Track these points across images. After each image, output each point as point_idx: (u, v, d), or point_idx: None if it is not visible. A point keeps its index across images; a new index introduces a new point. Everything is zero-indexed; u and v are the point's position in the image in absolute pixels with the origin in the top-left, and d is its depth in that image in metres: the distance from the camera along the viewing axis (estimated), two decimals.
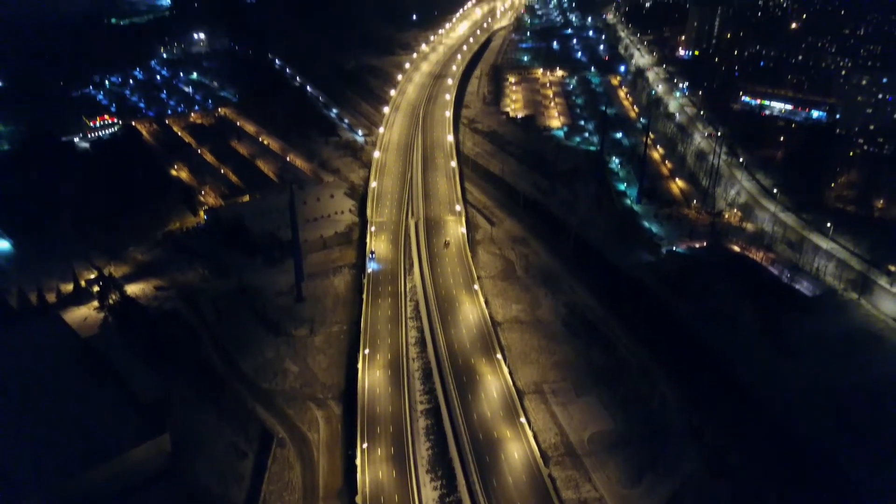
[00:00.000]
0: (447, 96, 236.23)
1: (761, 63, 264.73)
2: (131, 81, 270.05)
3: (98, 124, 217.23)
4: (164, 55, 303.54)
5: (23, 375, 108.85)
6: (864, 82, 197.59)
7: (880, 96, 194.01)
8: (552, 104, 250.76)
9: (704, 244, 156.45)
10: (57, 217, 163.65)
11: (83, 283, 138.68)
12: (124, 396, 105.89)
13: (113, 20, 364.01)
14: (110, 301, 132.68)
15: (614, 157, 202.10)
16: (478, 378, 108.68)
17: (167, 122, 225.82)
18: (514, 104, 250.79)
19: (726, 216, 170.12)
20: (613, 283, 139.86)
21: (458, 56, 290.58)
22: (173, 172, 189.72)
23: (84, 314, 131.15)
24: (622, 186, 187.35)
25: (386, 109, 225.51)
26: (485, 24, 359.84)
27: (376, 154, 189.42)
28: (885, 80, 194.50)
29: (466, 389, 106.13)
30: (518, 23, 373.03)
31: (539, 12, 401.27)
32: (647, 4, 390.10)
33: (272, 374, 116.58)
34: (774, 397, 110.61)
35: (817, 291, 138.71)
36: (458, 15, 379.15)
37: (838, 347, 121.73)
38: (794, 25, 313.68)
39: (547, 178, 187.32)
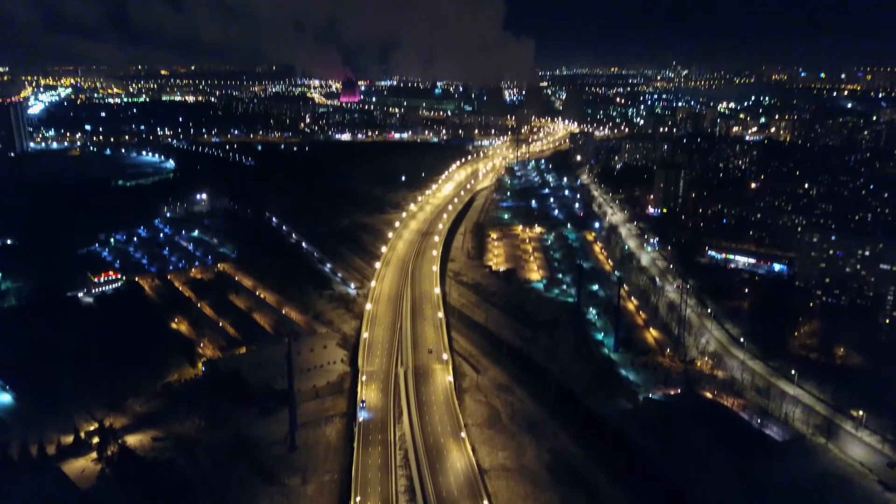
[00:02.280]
0: (434, 252, 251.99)
1: (724, 220, 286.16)
2: (135, 239, 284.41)
3: (102, 280, 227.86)
4: (168, 214, 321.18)
5: None
6: (815, 239, 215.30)
7: (831, 252, 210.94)
8: (532, 258, 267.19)
9: (679, 391, 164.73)
10: (59, 370, 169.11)
11: (83, 435, 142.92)
12: None
13: (120, 182, 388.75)
14: (108, 453, 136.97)
15: (591, 308, 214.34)
16: None
17: (168, 277, 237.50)
18: (497, 258, 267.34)
19: (698, 364, 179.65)
20: (594, 430, 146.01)
21: (444, 215, 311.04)
22: (173, 326, 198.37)
23: (82, 466, 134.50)
24: (600, 336, 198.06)
25: (377, 264, 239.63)
26: (468, 185, 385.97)
27: (368, 306, 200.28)
28: (833, 237, 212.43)
29: None
30: (499, 183, 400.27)
31: (518, 173, 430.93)
32: (618, 167, 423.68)
33: None
34: None
35: (787, 436, 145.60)
36: (443, 176, 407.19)
37: (810, 491, 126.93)
38: (753, 185, 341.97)
39: (529, 327, 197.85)
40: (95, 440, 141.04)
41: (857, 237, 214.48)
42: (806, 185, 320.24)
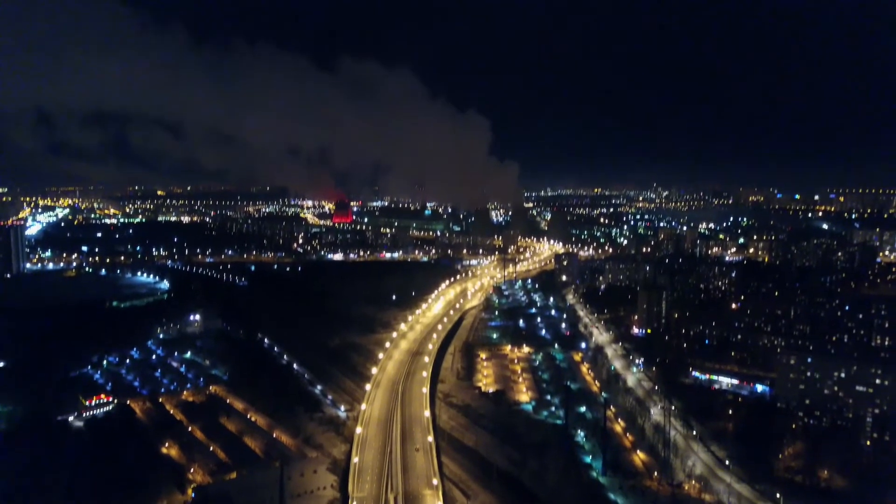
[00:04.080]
0: (424, 373, 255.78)
1: (706, 341, 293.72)
2: (128, 361, 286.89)
3: (93, 403, 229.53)
4: (161, 335, 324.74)
5: None
6: (793, 361, 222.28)
7: (809, 374, 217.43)
8: (520, 379, 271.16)
9: None
10: (46, 496, 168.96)
11: None
12: None
13: (114, 303, 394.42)
14: None
15: (579, 430, 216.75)
16: None
17: (160, 400, 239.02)
18: (486, 379, 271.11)
19: (686, 487, 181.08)
20: None
21: (434, 335, 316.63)
22: (163, 450, 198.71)
23: None
24: (588, 459, 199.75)
25: (368, 386, 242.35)
26: (457, 305, 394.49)
27: (358, 430, 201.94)
28: (810, 359, 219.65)
29: None
30: (487, 303, 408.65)
31: (506, 293, 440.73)
32: (603, 287, 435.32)
33: None
34: None
35: None
36: (433, 295, 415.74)
37: None
38: (733, 306, 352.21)
39: (518, 450, 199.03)
40: None
41: (833, 359, 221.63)
42: (784, 306, 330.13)
